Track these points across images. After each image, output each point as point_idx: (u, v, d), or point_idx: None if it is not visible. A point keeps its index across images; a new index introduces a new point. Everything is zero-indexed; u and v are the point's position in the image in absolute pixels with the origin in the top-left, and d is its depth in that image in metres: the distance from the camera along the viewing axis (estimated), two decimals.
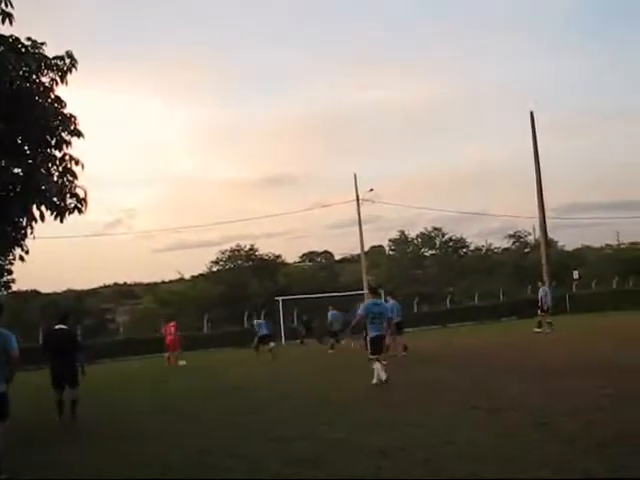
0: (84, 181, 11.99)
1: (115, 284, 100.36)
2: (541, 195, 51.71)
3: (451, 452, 7.56)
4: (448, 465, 7.01)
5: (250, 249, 64.82)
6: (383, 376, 14.31)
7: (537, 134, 52.09)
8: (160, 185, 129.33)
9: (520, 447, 7.49)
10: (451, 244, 70.98)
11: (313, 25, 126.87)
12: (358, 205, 50.53)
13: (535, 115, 52.22)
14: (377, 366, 14.44)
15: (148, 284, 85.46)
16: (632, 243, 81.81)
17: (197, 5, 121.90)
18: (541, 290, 29.70)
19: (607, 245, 79.54)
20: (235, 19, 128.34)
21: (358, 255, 55.92)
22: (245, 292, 57.33)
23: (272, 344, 26.33)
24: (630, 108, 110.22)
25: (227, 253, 64.99)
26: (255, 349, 26.39)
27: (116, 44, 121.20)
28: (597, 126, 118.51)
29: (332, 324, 30.01)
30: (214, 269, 65.17)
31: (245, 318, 38.03)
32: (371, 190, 50.79)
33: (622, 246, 78.99)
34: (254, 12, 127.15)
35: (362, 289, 43.02)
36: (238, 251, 64.81)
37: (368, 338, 15.14)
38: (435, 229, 70.76)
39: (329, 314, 30.77)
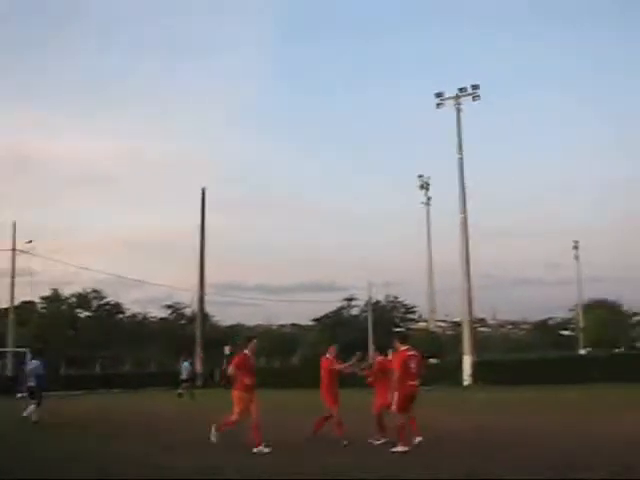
0: None
1: None
2: (202, 269, 53.08)
3: None
4: None
5: None
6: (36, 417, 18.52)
7: (207, 210, 53.98)
8: None
9: None
10: (108, 308, 69.57)
11: None
12: (13, 256, 47.71)
13: (207, 192, 54.22)
14: (31, 408, 18.69)
15: None
16: (281, 325, 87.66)
17: None
18: (183, 365, 35.01)
19: (259, 325, 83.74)
20: None
21: (6, 309, 52.19)
22: None
23: None
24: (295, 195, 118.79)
25: None
26: None
27: None
28: (263, 211, 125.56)
29: None
30: None
31: None
32: (30, 242, 48.71)
33: (273, 327, 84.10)
34: None
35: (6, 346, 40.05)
36: None
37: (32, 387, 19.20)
38: (95, 291, 69.04)
39: None
